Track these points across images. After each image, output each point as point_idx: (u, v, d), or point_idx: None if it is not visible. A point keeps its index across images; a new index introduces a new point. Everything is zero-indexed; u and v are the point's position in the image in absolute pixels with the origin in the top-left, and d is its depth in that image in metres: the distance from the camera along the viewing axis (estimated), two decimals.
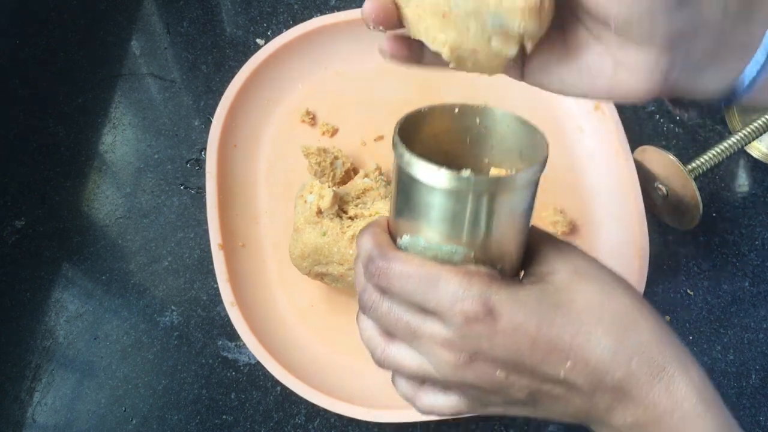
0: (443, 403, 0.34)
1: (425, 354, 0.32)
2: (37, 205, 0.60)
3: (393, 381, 0.36)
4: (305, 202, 0.51)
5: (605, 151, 0.59)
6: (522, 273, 0.34)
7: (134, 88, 0.65)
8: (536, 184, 0.32)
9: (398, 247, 0.33)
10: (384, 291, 0.32)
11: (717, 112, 0.40)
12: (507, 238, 0.32)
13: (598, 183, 0.59)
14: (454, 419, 0.52)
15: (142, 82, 0.65)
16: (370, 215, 0.51)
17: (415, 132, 0.33)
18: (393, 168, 0.32)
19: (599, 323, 0.30)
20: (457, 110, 0.34)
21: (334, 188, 0.50)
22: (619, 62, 0.29)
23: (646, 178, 0.58)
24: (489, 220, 0.31)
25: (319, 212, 0.50)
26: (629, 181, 0.57)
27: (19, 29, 0.67)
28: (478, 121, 0.34)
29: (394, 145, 0.31)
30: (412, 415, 0.49)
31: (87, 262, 0.58)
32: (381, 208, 0.51)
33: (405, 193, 0.32)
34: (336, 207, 0.50)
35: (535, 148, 0.32)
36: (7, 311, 0.56)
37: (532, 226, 0.34)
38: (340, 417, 0.52)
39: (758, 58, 0.30)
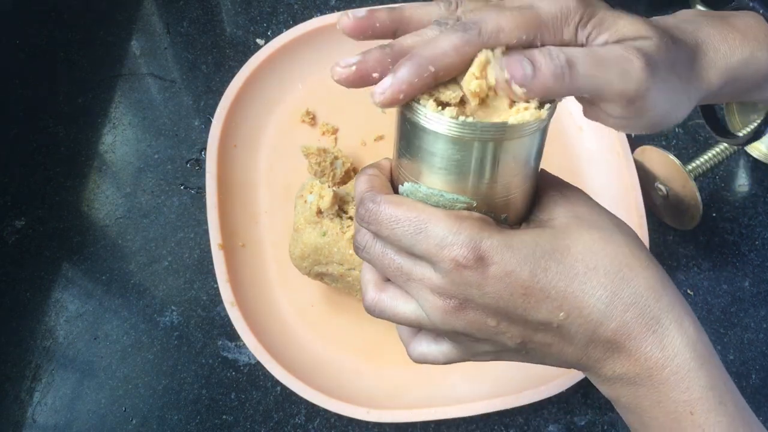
0: (435, 351, 0.34)
1: (417, 298, 0.31)
2: (37, 205, 0.60)
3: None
4: (305, 202, 0.51)
5: (605, 151, 0.59)
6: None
7: (134, 88, 0.65)
8: (545, 130, 0.30)
9: (400, 193, 0.32)
10: (375, 234, 0.31)
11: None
12: (513, 186, 0.31)
13: (598, 183, 0.59)
14: (453, 419, 0.52)
15: (142, 82, 0.65)
16: None
17: None
18: (396, 112, 0.31)
19: (595, 272, 0.29)
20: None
21: (334, 188, 0.50)
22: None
23: (646, 178, 0.58)
24: (494, 169, 0.29)
25: (319, 212, 0.50)
26: (629, 181, 0.57)
27: (19, 29, 0.67)
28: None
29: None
30: (412, 415, 0.49)
31: (87, 262, 0.58)
32: None
33: (407, 138, 0.31)
34: (336, 207, 0.50)
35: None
36: (7, 311, 0.56)
37: (541, 169, 0.33)
38: (340, 417, 0.52)
39: None
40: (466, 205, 0.30)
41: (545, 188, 0.33)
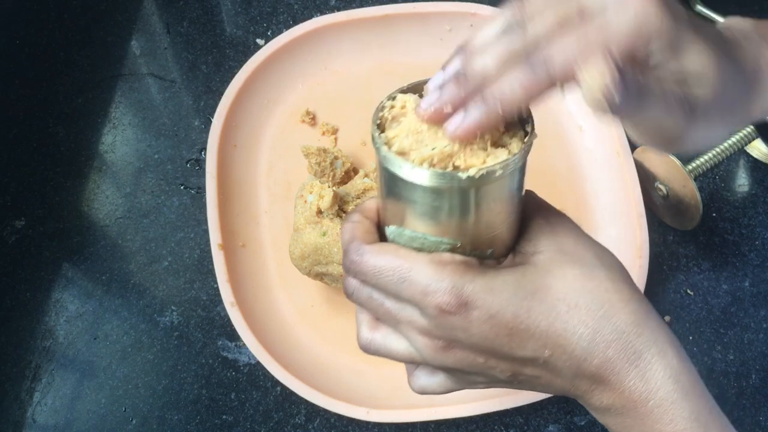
0: (433, 384, 0.34)
1: (407, 338, 0.32)
2: (37, 205, 0.60)
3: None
4: (305, 202, 0.51)
5: (605, 151, 0.59)
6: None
7: (134, 88, 0.65)
8: (523, 168, 0.31)
9: (387, 235, 0.32)
10: (362, 282, 0.32)
11: None
12: (497, 224, 0.31)
13: (598, 183, 0.59)
14: (453, 419, 0.52)
15: (142, 82, 0.65)
16: None
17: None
18: (375, 157, 0.31)
19: (576, 310, 0.30)
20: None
21: (334, 188, 0.50)
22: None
23: (646, 178, 0.58)
24: (475, 212, 0.30)
25: (319, 212, 0.50)
26: (629, 181, 0.57)
27: (19, 29, 0.67)
28: None
29: (372, 138, 0.30)
30: (411, 415, 0.49)
31: (87, 262, 0.58)
32: None
33: (387, 185, 0.31)
34: (336, 207, 0.50)
35: (521, 122, 0.31)
36: (7, 311, 0.56)
37: (527, 191, 0.34)
38: (340, 417, 0.52)
39: None
40: (451, 246, 0.31)
41: (531, 214, 0.34)
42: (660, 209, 0.59)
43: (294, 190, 0.55)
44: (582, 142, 0.61)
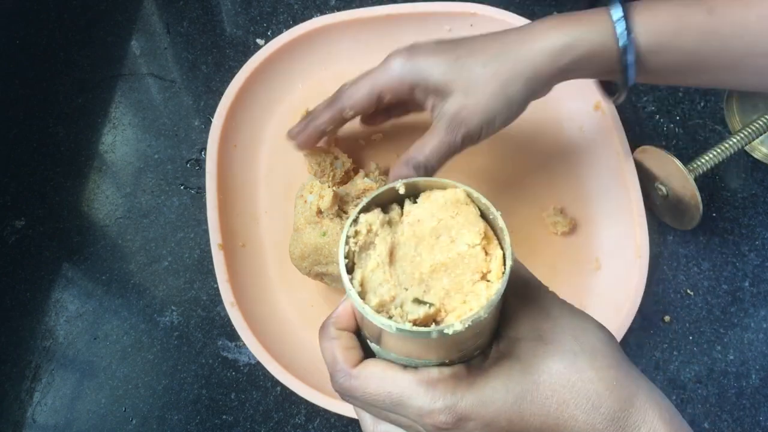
0: None
1: None
2: (37, 205, 0.60)
3: None
4: (305, 202, 0.51)
5: (605, 151, 0.59)
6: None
7: (134, 88, 0.65)
8: (499, 302, 0.29)
9: (370, 346, 0.32)
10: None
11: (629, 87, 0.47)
12: (481, 338, 0.31)
13: (598, 183, 0.59)
14: None
15: (142, 82, 0.65)
16: None
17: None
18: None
19: (566, 406, 0.31)
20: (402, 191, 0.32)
21: (334, 188, 0.50)
22: None
23: (646, 178, 0.58)
24: (461, 341, 0.30)
25: (319, 212, 0.50)
26: (629, 181, 0.57)
27: (19, 29, 0.67)
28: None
29: (344, 285, 0.29)
30: None
31: (87, 262, 0.58)
32: None
33: (369, 325, 0.30)
34: (336, 207, 0.50)
35: (502, 231, 0.31)
36: (7, 311, 0.56)
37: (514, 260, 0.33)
38: (340, 417, 0.52)
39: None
40: (439, 363, 0.31)
41: (511, 295, 0.34)
42: (660, 209, 0.59)
43: (294, 190, 0.55)
44: (582, 142, 0.61)
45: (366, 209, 0.31)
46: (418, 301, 0.30)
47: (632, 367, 0.33)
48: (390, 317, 0.29)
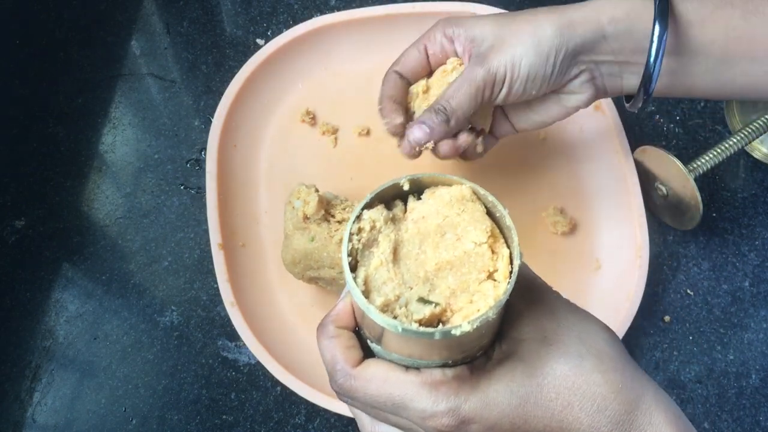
0: None
1: None
2: (37, 205, 0.60)
3: None
4: (293, 208, 0.50)
5: (605, 151, 0.59)
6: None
7: (134, 88, 0.65)
8: (504, 305, 0.29)
9: (370, 346, 0.32)
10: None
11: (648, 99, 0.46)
12: (484, 338, 0.31)
13: (598, 183, 0.59)
14: None
15: (142, 82, 0.65)
16: None
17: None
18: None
19: (570, 408, 0.30)
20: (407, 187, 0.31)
21: (319, 192, 0.50)
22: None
23: (646, 178, 0.58)
24: (464, 341, 0.29)
25: (306, 218, 0.49)
26: (629, 181, 0.57)
27: (19, 29, 0.67)
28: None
29: (348, 284, 0.29)
30: None
31: (87, 262, 0.58)
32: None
33: (370, 324, 0.30)
34: (322, 212, 0.49)
35: (509, 229, 0.30)
36: (7, 311, 0.56)
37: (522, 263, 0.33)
38: (340, 417, 0.52)
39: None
40: (441, 364, 0.31)
41: (516, 296, 0.33)
42: (660, 209, 0.59)
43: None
44: (582, 142, 0.61)
45: (369, 205, 0.31)
46: (423, 301, 0.29)
47: (637, 369, 0.32)
48: (394, 317, 0.28)
